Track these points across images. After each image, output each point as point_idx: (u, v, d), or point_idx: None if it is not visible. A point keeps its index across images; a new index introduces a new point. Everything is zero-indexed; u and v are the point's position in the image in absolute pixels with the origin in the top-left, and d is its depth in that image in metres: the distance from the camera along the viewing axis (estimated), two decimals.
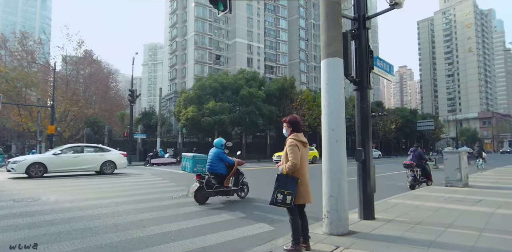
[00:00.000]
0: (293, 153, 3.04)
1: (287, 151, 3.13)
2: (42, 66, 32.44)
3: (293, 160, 3.02)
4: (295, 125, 3.25)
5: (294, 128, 3.25)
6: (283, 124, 3.33)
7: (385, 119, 52.56)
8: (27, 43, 30.67)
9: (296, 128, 3.25)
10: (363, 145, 4.58)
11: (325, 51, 3.87)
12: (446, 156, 8.59)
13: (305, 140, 3.21)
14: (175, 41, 54.26)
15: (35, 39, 32.84)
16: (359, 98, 4.61)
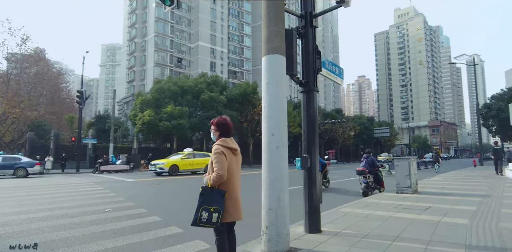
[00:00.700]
0: (219, 162, 2.56)
1: (212, 160, 2.64)
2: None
3: (218, 170, 2.54)
4: (223, 128, 2.78)
5: (222, 132, 2.77)
6: (211, 127, 2.84)
7: (344, 126, 54.34)
8: None
9: (225, 132, 2.78)
10: (309, 152, 4.23)
11: (266, 47, 3.47)
12: (396, 162, 8.63)
13: (236, 146, 2.74)
14: (134, 41, 52.09)
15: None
16: (305, 101, 4.27)
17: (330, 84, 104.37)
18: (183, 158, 18.73)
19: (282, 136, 3.42)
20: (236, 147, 2.71)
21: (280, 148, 3.38)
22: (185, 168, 18.52)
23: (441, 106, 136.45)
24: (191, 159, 19.03)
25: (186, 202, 7.59)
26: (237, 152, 2.73)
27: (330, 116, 54.77)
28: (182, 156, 18.88)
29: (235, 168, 2.70)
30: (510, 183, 11.50)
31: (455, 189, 9.56)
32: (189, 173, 19.04)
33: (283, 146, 3.40)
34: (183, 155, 18.99)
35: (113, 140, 33.68)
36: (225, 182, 2.60)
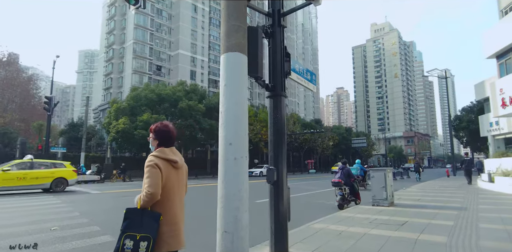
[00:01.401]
0: (150, 177, 2.07)
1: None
2: None
3: (148, 188, 2.04)
4: (163, 136, 2.30)
5: (161, 141, 2.29)
6: (149, 134, 2.36)
7: (323, 136, 54.73)
8: None
9: (165, 140, 2.29)
10: (276, 164, 3.80)
11: (225, 45, 3.06)
12: (372, 174, 8.37)
13: (177, 157, 2.24)
14: (111, 48, 50.79)
15: None
16: (272, 107, 3.87)
17: (310, 94, 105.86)
18: (5, 169, 12.40)
19: (242, 146, 2.97)
20: (176, 159, 2.22)
21: (239, 159, 2.93)
22: (7, 185, 12.29)
23: (415, 117, 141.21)
24: (24, 171, 12.89)
25: None
26: (178, 165, 2.24)
27: (310, 126, 55.06)
28: (4, 167, 12.63)
29: (174, 184, 2.20)
30: (483, 194, 11.52)
31: (431, 201, 9.40)
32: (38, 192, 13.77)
33: (242, 158, 2.95)
34: (6, 166, 12.80)
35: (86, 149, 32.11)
36: (161, 202, 2.11)
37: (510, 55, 15.68)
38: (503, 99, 15.50)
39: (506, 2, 23.11)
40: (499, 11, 24.21)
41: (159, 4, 51.63)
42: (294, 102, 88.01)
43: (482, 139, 29.90)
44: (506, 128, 22.42)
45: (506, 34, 15.52)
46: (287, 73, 4.06)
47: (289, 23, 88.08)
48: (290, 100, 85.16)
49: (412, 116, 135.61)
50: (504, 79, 15.68)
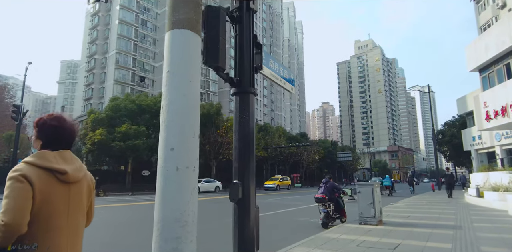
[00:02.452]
0: (10, 197, 1.28)
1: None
2: None
3: (4, 215, 1.24)
4: (49, 133, 1.51)
5: (46, 141, 1.51)
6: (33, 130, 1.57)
7: (309, 150, 54.27)
8: None
9: (51, 140, 1.51)
10: (242, 177, 3.03)
11: (170, 20, 2.35)
12: (359, 189, 7.67)
13: (64, 167, 1.43)
14: (93, 58, 49.58)
15: None
16: (238, 107, 3.14)
17: (296, 108, 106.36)
18: None
19: (188, 152, 2.21)
20: (64, 168, 1.42)
21: (183, 170, 2.16)
22: None
23: (399, 132, 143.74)
24: None
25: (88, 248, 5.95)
26: (68, 177, 1.43)
27: (295, 140, 54.63)
28: None
29: (61, 207, 1.41)
30: (474, 209, 11.00)
31: (422, 218, 8.74)
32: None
33: (189, 168, 2.19)
34: None
35: None
36: (35, 233, 1.32)
37: (493, 68, 15.69)
38: (487, 112, 15.35)
39: (484, 20, 23.75)
40: (478, 28, 24.85)
41: (144, 15, 51.23)
42: (280, 115, 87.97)
43: (465, 153, 30.01)
44: (488, 142, 22.46)
45: (487, 48, 15.60)
46: (257, 67, 3.36)
47: (275, 38, 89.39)
48: (276, 113, 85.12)
49: (396, 131, 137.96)
50: (487, 92, 15.61)
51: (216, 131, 35.42)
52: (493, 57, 15.12)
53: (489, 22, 22.83)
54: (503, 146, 20.58)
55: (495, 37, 14.77)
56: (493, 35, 15.10)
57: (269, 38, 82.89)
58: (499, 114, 14.46)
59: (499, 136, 20.48)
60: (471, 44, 17.43)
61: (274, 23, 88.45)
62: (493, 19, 21.73)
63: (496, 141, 20.84)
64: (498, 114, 14.51)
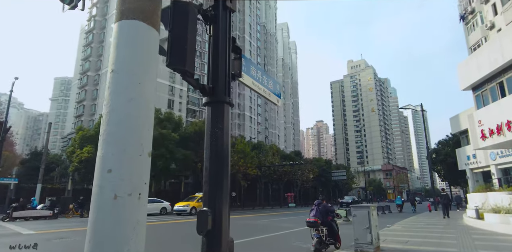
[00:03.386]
0: None
1: None
2: None
3: None
4: None
5: None
6: None
7: (303, 169, 53.43)
8: None
9: None
10: (213, 203, 2.51)
11: (119, 9, 1.91)
12: (354, 212, 7.09)
13: None
14: (86, 75, 49.39)
15: None
16: (211, 118, 2.66)
17: (290, 127, 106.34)
18: None
19: (132, 175, 1.70)
20: None
21: (124, 198, 1.65)
22: None
23: (392, 151, 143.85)
24: None
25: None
26: None
27: (289, 158, 53.89)
28: None
29: None
30: (475, 233, 10.39)
31: (421, 243, 8.12)
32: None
33: (131, 195, 1.67)
34: None
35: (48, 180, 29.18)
36: None
37: (486, 86, 15.63)
38: (482, 130, 15.10)
39: (474, 40, 24.17)
40: (468, 48, 25.26)
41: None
42: (274, 134, 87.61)
43: (460, 172, 29.62)
44: (483, 161, 22.14)
45: (479, 67, 15.61)
46: (236, 74, 2.92)
47: (270, 57, 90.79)
48: (270, 131, 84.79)
49: (390, 150, 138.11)
50: (482, 110, 15.44)
51: None
52: (486, 75, 15.08)
53: (478, 43, 23.22)
54: (498, 165, 20.26)
55: (487, 56, 14.79)
56: (485, 54, 15.14)
57: (263, 57, 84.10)
58: (495, 132, 14.21)
59: (494, 155, 20.20)
60: (463, 62, 17.49)
61: (268, 42, 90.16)
62: (482, 40, 22.09)
63: (491, 160, 20.54)
64: (494, 132, 14.25)
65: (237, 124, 68.40)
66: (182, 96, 55.67)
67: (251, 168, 38.29)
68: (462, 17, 24.62)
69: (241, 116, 69.91)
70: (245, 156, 37.83)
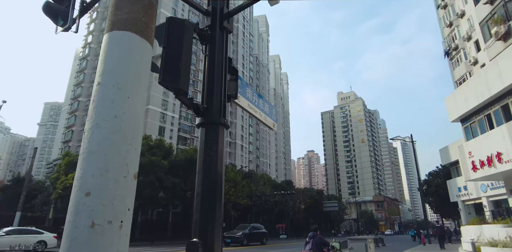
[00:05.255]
0: None
1: None
2: None
3: None
4: None
5: None
6: None
7: (294, 199, 52.28)
8: None
9: None
10: (204, 233, 2.26)
11: (110, 20, 1.82)
12: (350, 244, 6.73)
13: None
14: (77, 100, 49.22)
15: None
16: (204, 141, 2.49)
17: (281, 156, 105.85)
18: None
19: (114, 200, 1.50)
20: None
21: (103, 227, 1.42)
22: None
23: (383, 182, 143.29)
24: None
25: None
26: None
27: (281, 188, 52.88)
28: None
29: None
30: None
31: None
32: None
33: (111, 223, 1.45)
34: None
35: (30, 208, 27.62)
36: None
37: (474, 119, 15.96)
38: (473, 162, 15.15)
39: (459, 75, 25.18)
40: (454, 82, 26.23)
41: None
42: (266, 163, 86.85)
43: (451, 204, 29.30)
44: (474, 193, 22.01)
45: (467, 99, 16.07)
46: (232, 95, 2.82)
47: (262, 87, 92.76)
48: (262, 160, 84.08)
49: (380, 181, 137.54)
50: (471, 142, 15.62)
51: None
52: (473, 108, 15.47)
53: (463, 77, 24.17)
54: (489, 197, 20.12)
55: (474, 89, 15.29)
56: (471, 87, 15.66)
57: (255, 87, 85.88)
58: (485, 164, 14.24)
59: (484, 187, 20.13)
60: (450, 96, 18.02)
61: (261, 73, 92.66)
62: (467, 74, 23.02)
63: (482, 192, 20.43)
64: (484, 164, 14.29)
65: (229, 152, 67.80)
66: (174, 123, 55.50)
67: (241, 198, 37.27)
68: (446, 53, 25.87)
69: (233, 144, 69.54)
70: (236, 185, 36.98)
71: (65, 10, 4.30)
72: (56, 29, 5.13)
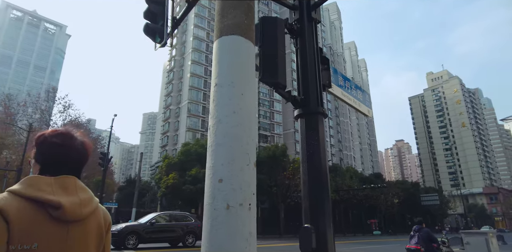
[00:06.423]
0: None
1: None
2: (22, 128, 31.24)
3: None
4: (46, 152, 1.13)
5: (43, 163, 1.12)
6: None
7: (386, 192, 49.05)
8: (11, 105, 30.11)
9: (50, 161, 1.12)
10: (315, 219, 2.35)
11: (217, 27, 2.03)
12: (466, 239, 6.04)
13: (59, 200, 1.00)
14: (169, 109, 54.99)
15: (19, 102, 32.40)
16: (305, 131, 2.58)
17: (366, 148, 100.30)
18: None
19: (242, 185, 1.69)
20: (59, 202, 0.99)
21: (236, 209, 1.62)
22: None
23: (495, 170, 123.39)
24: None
25: None
26: (66, 213, 0.99)
27: (369, 181, 50.18)
28: None
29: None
30: None
31: None
32: None
33: (242, 206, 1.64)
34: None
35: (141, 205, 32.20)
36: None
37: None
38: None
39: None
40: None
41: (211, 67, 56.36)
42: (350, 155, 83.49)
43: None
44: None
45: None
46: (325, 85, 2.84)
47: None
48: (345, 153, 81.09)
49: (491, 169, 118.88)
50: None
51: (283, 173, 34.47)
52: None
53: None
54: None
55: None
56: None
57: None
58: None
59: None
60: None
61: (336, 63, 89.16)
62: None
63: None
64: None
65: None
66: None
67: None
68: None
69: None
70: None
71: (160, 28, 4.88)
72: (155, 46, 5.83)
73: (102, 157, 21.57)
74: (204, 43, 56.53)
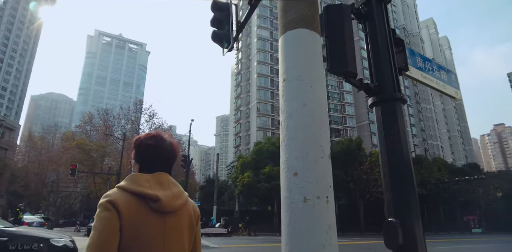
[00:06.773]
0: (95, 229, 1.05)
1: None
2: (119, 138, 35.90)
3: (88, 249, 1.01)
4: (142, 153, 1.28)
5: (141, 162, 1.27)
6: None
7: (485, 185, 43.13)
8: (108, 119, 34.92)
9: (148, 161, 1.26)
10: (400, 213, 2.18)
11: (281, 23, 2.03)
12: None
13: (157, 193, 1.13)
14: (239, 110, 57.06)
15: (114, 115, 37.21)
16: (382, 119, 2.40)
17: (456, 135, 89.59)
18: None
19: (318, 178, 1.67)
20: (156, 195, 1.12)
21: (313, 201, 1.61)
22: None
23: None
24: None
25: None
26: (162, 206, 1.12)
27: (462, 173, 44.74)
28: None
29: (155, 245, 1.10)
30: None
31: None
32: None
33: (319, 198, 1.62)
34: None
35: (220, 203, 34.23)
36: None
37: None
38: None
39: None
40: None
41: (277, 65, 56.74)
42: (436, 145, 75.55)
43: None
44: None
45: None
46: (402, 68, 2.62)
47: None
48: (430, 143, 73.62)
49: None
50: None
51: (360, 168, 32.92)
52: None
53: None
54: None
55: None
56: None
57: None
58: None
59: None
60: None
61: (412, 44, 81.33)
62: None
63: None
64: None
65: None
66: None
67: None
68: None
69: None
70: None
71: (226, 33, 5.07)
72: (223, 51, 6.08)
73: (184, 160, 23.49)
74: (268, 43, 57.21)
